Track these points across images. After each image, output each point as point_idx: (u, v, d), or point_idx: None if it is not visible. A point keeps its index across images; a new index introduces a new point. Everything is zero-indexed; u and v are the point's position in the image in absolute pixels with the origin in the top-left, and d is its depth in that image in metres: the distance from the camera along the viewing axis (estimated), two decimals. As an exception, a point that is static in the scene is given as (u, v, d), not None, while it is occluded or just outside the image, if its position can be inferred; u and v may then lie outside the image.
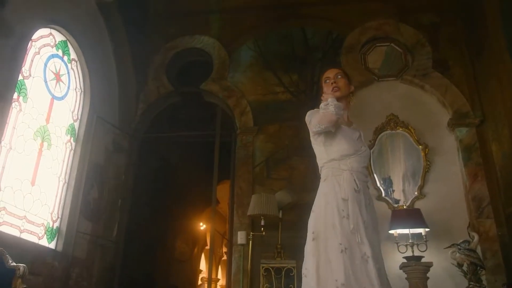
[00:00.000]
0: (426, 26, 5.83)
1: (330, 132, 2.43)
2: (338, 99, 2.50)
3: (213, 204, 5.73)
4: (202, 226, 9.50)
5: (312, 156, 5.38)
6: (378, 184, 5.26)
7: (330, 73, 2.60)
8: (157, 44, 6.20)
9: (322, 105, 2.45)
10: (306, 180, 5.22)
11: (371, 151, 5.37)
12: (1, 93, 3.93)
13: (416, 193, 5.17)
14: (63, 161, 4.90)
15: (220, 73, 5.97)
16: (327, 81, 2.59)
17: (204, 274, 11.11)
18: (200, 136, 6.25)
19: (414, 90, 5.63)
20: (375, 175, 5.30)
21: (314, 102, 5.58)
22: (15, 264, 2.71)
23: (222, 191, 7.00)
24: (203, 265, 11.05)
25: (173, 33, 6.22)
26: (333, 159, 2.44)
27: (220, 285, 12.81)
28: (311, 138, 2.56)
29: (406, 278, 4.57)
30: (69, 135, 5.03)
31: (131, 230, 5.65)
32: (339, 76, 2.58)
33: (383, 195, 5.21)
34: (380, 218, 4.85)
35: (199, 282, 10.44)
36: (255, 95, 5.78)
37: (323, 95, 2.55)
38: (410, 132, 5.40)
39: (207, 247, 10.05)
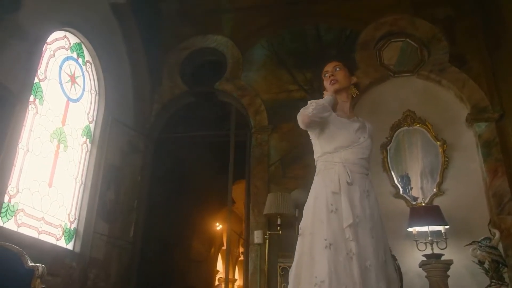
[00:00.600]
0: (441, 20, 5.72)
1: (324, 125, 2.39)
2: (337, 92, 2.49)
3: (228, 203, 5.71)
4: (218, 226, 9.49)
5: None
6: (396, 182, 5.18)
7: (329, 67, 2.58)
8: (170, 45, 6.21)
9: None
10: (321, 179, 5.16)
11: (388, 148, 5.31)
12: (17, 96, 3.96)
13: (434, 190, 5.08)
14: (79, 163, 4.94)
15: (233, 72, 5.95)
16: (326, 74, 2.56)
17: (220, 274, 11.10)
18: (215, 136, 6.25)
19: (431, 86, 5.54)
20: (392, 173, 5.22)
21: (329, 99, 5.56)
22: (33, 264, 2.73)
23: (238, 191, 6.98)
24: (219, 265, 11.05)
25: (186, 33, 6.22)
26: (327, 152, 2.39)
27: (237, 286, 12.80)
28: (308, 132, 2.51)
29: (426, 277, 4.49)
30: (84, 137, 5.06)
31: (147, 230, 5.67)
32: (338, 69, 2.55)
33: (401, 192, 5.13)
34: (398, 216, 4.90)
35: (216, 282, 10.45)
36: (269, 94, 5.74)
37: (324, 91, 2.54)
38: (427, 128, 5.31)
39: (224, 247, 10.04)
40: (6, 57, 3.86)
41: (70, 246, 4.63)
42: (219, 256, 10.66)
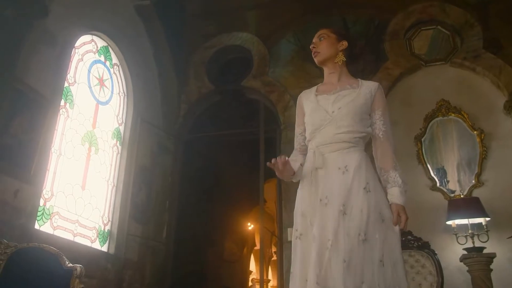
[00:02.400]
0: (473, 4, 5.50)
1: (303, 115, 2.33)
2: (322, 64, 2.33)
3: (260, 201, 5.65)
4: (250, 226, 9.44)
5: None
6: (432, 174, 5.01)
7: (315, 37, 2.38)
8: (195, 44, 6.19)
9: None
10: (355, 173, 5.06)
11: (422, 139, 5.15)
12: (49, 100, 4.01)
13: (473, 181, 4.88)
14: (111, 165, 4.97)
15: (260, 69, 5.89)
16: (311, 46, 2.37)
17: (254, 275, 11.05)
18: (244, 134, 6.20)
19: (465, 73, 5.33)
20: (428, 165, 5.05)
21: (359, 92, 5.44)
22: (71, 265, 2.75)
23: (268, 190, 6.91)
24: (252, 265, 10.99)
25: (211, 32, 6.19)
26: (307, 141, 2.27)
27: (271, 286, 12.73)
28: None
29: (467, 271, 4.34)
30: (115, 139, 5.09)
31: (180, 231, 5.67)
32: (322, 38, 2.33)
33: (438, 185, 4.96)
34: (435, 209, 4.74)
35: (250, 283, 10.40)
36: (297, 89, 5.62)
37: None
38: (463, 117, 5.11)
39: (256, 247, 9.99)
40: (36, 62, 3.91)
41: (104, 248, 4.66)
42: (251, 256, 10.61)
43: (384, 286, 1.87)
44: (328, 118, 2.17)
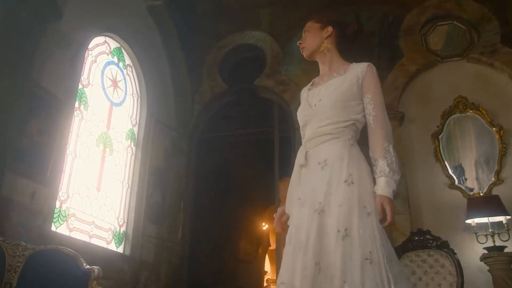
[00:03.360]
0: (490, -2, 5.41)
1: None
2: (310, 57, 2.23)
3: (275, 201, 5.61)
4: (265, 226, 9.40)
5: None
6: (450, 172, 4.92)
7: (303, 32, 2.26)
8: (208, 43, 6.16)
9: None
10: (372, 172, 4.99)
11: (440, 137, 5.06)
12: (63, 102, 4.02)
13: (492, 179, 4.79)
14: (125, 166, 4.97)
15: (274, 68, 5.84)
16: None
17: (269, 275, 11.01)
18: (258, 133, 6.16)
19: (483, 69, 5.23)
20: (446, 163, 4.96)
21: (374, 89, 5.36)
22: (89, 267, 2.74)
23: (283, 189, 6.85)
24: (267, 266, 10.94)
25: (224, 31, 6.16)
26: (302, 138, 2.16)
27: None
28: None
29: (488, 271, 4.26)
30: (129, 140, 5.09)
31: (195, 231, 5.65)
32: (305, 32, 2.24)
33: (456, 183, 4.87)
34: (454, 208, 4.66)
35: (265, 284, 10.36)
36: (311, 87, 5.60)
37: None
38: (481, 114, 5.01)
39: (271, 248, 9.94)
40: (51, 65, 3.92)
41: (120, 250, 4.66)
42: (266, 257, 10.56)
43: (373, 285, 1.68)
44: (311, 112, 2.08)
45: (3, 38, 3.34)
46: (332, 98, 2.03)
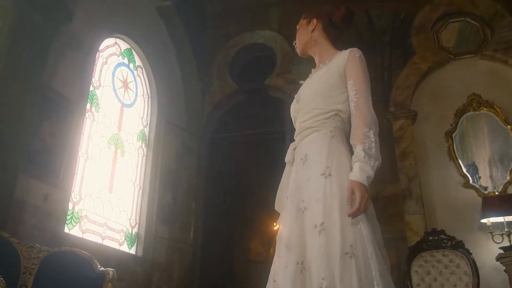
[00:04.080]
0: (503, -6, 5.33)
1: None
2: (303, 54, 2.19)
3: (287, 201, 5.58)
4: (276, 226, 9.37)
5: (388, 146, 5.09)
6: (464, 171, 4.85)
7: None
8: (218, 43, 6.15)
9: None
10: (384, 171, 4.92)
11: (453, 135, 5.00)
12: (75, 105, 4.03)
13: (508, 177, 4.72)
14: (137, 167, 4.97)
15: (284, 67, 5.80)
16: None
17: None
18: (268, 133, 6.13)
19: (497, 66, 5.14)
20: (460, 161, 4.90)
21: (386, 88, 5.31)
22: (103, 269, 2.74)
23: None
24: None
25: (233, 31, 6.14)
26: None
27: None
28: None
29: (504, 271, 4.18)
30: (140, 141, 5.09)
31: (206, 232, 5.64)
32: (297, 32, 2.21)
33: (471, 182, 4.80)
34: (469, 207, 4.59)
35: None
36: (322, 86, 5.56)
37: None
38: (495, 111, 4.93)
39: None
40: (63, 67, 3.93)
41: (132, 251, 4.66)
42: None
43: (353, 281, 1.58)
44: (297, 108, 2.04)
45: (15, 41, 3.34)
46: (313, 90, 1.98)
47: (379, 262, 1.62)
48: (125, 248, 4.56)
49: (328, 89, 1.93)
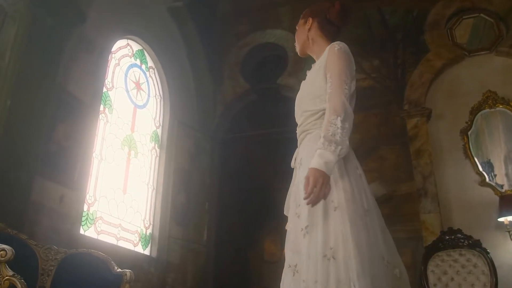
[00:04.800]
0: (519, -10, 5.24)
1: None
2: (303, 54, 2.14)
3: (301, 201, 5.55)
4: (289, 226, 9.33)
5: (402, 144, 5.04)
6: (481, 169, 4.78)
7: None
8: (229, 43, 6.14)
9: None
10: (398, 170, 4.90)
11: (468, 133, 4.93)
12: (89, 106, 4.04)
13: (525, 175, 4.66)
14: (150, 168, 4.98)
15: (296, 66, 5.77)
16: None
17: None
18: (281, 133, 6.09)
19: (512, 62, 5.09)
20: (475, 159, 4.83)
21: (400, 86, 5.26)
22: (121, 270, 2.75)
23: (306, 188, 6.77)
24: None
25: (244, 30, 6.12)
26: None
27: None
28: None
29: (523, 270, 4.13)
30: (153, 142, 5.10)
31: (220, 232, 5.63)
32: (296, 32, 2.17)
33: (487, 180, 4.73)
34: (486, 206, 4.54)
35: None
36: (334, 85, 5.51)
37: None
38: (512, 108, 4.88)
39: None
40: (76, 69, 3.95)
41: (147, 252, 4.66)
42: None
43: (330, 283, 1.55)
44: (296, 111, 2.02)
45: (30, 45, 3.37)
46: (303, 92, 1.96)
47: (361, 262, 1.55)
48: (139, 249, 4.57)
49: (315, 88, 1.89)
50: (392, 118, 5.12)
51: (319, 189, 1.59)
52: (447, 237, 4.30)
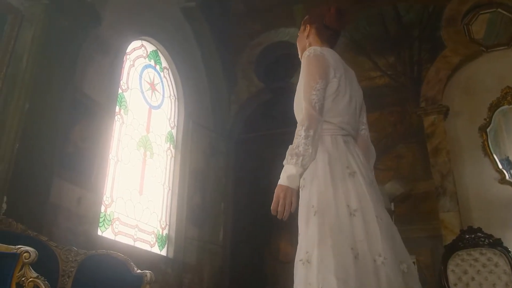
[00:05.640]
0: (537, -17, 5.14)
1: None
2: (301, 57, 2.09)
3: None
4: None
5: (419, 142, 4.97)
6: (500, 166, 4.70)
7: None
8: (242, 43, 6.11)
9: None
10: (415, 168, 4.84)
11: (487, 130, 4.85)
12: (104, 108, 4.05)
13: (543, 172, 4.57)
14: (165, 169, 4.98)
15: (310, 65, 5.73)
16: None
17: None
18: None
19: (531, 58, 4.99)
20: (495, 157, 4.75)
21: (416, 83, 5.19)
22: (140, 271, 2.75)
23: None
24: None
25: (257, 30, 6.09)
26: None
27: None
28: None
29: (547, 271, 4.03)
30: (168, 143, 5.10)
31: (236, 233, 5.62)
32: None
33: (507, 177, 4.65)
34: (506, 204, 4.46)
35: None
36: (350, 83, 5.45)
37: None
38: (531, 104, 4.79)
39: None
40: (92, 71, 3.96)
41: (164, 252, 4.67)
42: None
43: (305, 286, 1.58)
44: None
45: (47, 47, 3.38)
46: (295, 101, 1.98)
47: (334, 264, 1.55)
48: (156, 249, 4.57)
49: (298, 97, 1.92)
50: (408, 115, 5.06)
51: (282, 204, 1.69)
52: (467, 236, 4.23)
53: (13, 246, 1.98)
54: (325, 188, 1.70)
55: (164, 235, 4.73)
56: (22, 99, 3.14)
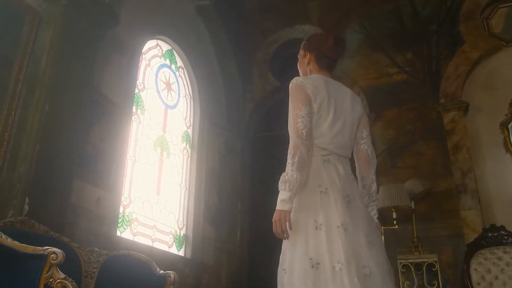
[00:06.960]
0: (558, -25, 5.03)
1: None
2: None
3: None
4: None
5: (439, 139, 4.89)
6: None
7: None
8: (257, 41, 6.06)
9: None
10: (435, 166, 4.77)
11: (509, 126, 4.76)
12: (122, 108, 4.04)
13: None
14: (182, 168, 4.96)
15: (325, 62, 5.67)
16: None
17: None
18: (312, 130, 6.01)
19: (553, 51, 4.89)
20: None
21: (435, 79, 5.11)
22: (163, 272, 2.72)
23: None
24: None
25: (272, 27, 6.04)
26: None
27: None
28: None
29: None
30: (184, 142, 5.08)
31: (253, 232, 5.58)
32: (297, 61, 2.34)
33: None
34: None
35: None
36: (367, 80, 5.39)
37: None
38: (554, 100, 4.69)
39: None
40: (109, 71, 3.95)
41: (181, 253, 4.65)
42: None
43: None
44: None
45: (65, 48, 3.36)
46: None
47: (290, 272, 1.81)
48: (174, 250, 4.56)
49: (289, 125, 2.10)
50: (427, 112, 4.99)
51: (278, 226, 1.84)
52: (490, 234, 4.16)
53: (40, 248, 1.97)
54: (298, 206, 1.90)
55: (181, 235, 4.71)
56: (41, 100, 3.13)
